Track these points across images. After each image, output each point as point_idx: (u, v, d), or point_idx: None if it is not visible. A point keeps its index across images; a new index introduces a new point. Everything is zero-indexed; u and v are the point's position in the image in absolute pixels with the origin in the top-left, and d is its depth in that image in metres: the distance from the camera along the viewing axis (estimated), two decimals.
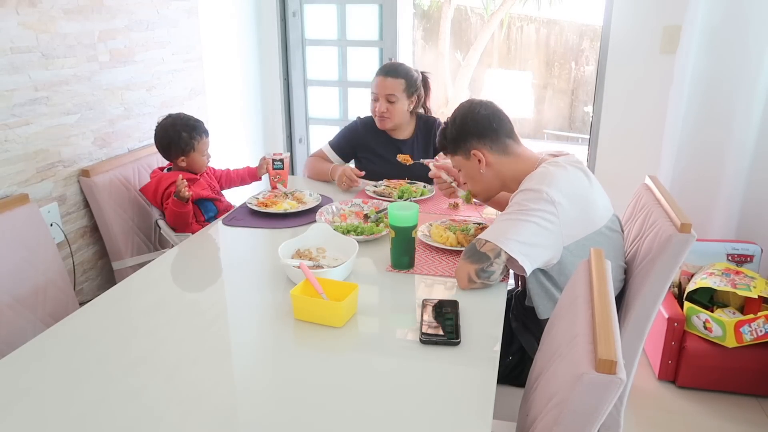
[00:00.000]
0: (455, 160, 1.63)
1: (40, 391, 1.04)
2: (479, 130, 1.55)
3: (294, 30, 3.36)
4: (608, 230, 1.47)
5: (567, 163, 1.47)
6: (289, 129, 3.56)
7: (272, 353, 1.20)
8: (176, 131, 2.04)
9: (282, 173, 2.12)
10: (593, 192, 1.46)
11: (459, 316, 1.26)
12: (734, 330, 2.16)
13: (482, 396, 1.03)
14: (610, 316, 0.92)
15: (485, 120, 1.55)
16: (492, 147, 1.55)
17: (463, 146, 1.57)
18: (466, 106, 1.59)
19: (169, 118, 2.09)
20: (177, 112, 2.13)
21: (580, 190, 1.43)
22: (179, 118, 2.09)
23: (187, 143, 2.05)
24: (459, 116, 1.58)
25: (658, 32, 2.63)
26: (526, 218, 1.37)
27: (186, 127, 2.06)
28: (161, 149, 2.10)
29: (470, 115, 1.56)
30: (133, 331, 1.26)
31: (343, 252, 1.55)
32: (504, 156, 1.56)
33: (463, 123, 1.56)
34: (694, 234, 1.35)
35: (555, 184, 1.39)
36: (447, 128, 1.61)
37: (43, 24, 1.89)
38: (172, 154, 2.08)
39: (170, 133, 2.05)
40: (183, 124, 2.06)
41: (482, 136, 1.55)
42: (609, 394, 0.82)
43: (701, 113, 2.57)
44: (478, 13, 9.79)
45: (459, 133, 1.57)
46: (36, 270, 1.75)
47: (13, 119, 1.81)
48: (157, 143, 2.10)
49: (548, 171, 1.43)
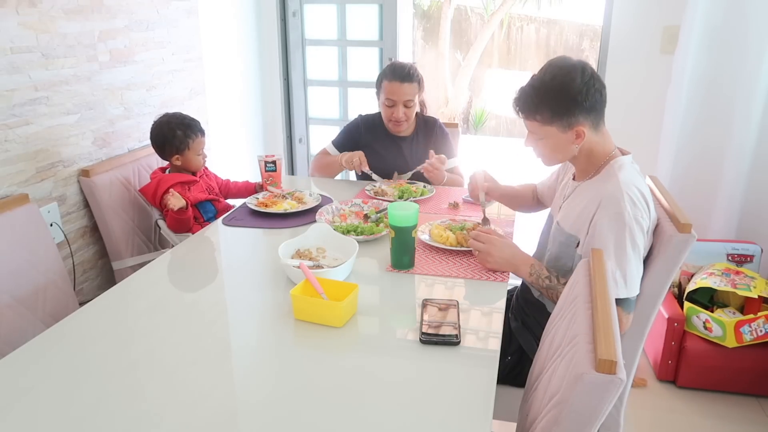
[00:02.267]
0: (543, 129, 1.39)
1: (40, 391, 1.04)
2: (590, 104, 1.34)
3: (294, 30, 3.36)
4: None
5: (640, 173, 1.42)
6: (289, 129, 3.56)
7: (272, 353, 1.20)
8: (171, 129, 2.04)
9: (274, 175, 2.12)
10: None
11: (459, 316, 1.26)
12: (734, 330, 2.16)
13: (482, 396, 1.03)
14: (610, 316, 0.92)
15: (597, 94, 1.34)
16: (593, 123, 1.37)
17: (565, 118, 1.35)
18: (575, 71, 1.34)
19: (165, 117, 2.09)
20: (173, 112, 2.13)
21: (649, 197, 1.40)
22: (174, 116, 2.08)
23: (181, 141, 2.04)
24: (566, 83, 1.34)
25: (658, 32, 2.63)
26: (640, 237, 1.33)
27: (181, 126, 2.05)
28: (156, 148, 2.10)
29: (581, 87, 1.32)
30: (133, 331, 1.26)
31: (343, 252, 1.55)
32: (596, 133, 1.40)
33: (574, 93, 1.33)
34: (695, 234, 1.35)
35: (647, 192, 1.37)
36: (540, 92, 1.36)
37: (43, 24, 1.89)
38: (167, 153, 2.08)
39: (165, 131, 2.05)
40: (178, 122, 2.06)
41: (590, 111, 1.35)
42: (609, 394, 0.82)
43: (701, 113, 2.57)
44: (478, 13, 9.80)
45: (564, 104, 1.34)
46: (36, 270, 1.75)
47: (13, 119, 1.81)
48: (153, 141, 2.09)
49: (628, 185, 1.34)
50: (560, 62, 1.39)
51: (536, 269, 1.45)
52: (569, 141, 1.39)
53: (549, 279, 1.43)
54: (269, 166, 2.11)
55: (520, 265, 1.46)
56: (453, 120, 9.31)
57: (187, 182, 2.07)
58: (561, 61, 1.39)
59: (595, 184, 1.42)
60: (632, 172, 1.40)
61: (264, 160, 2.10)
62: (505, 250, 1.47)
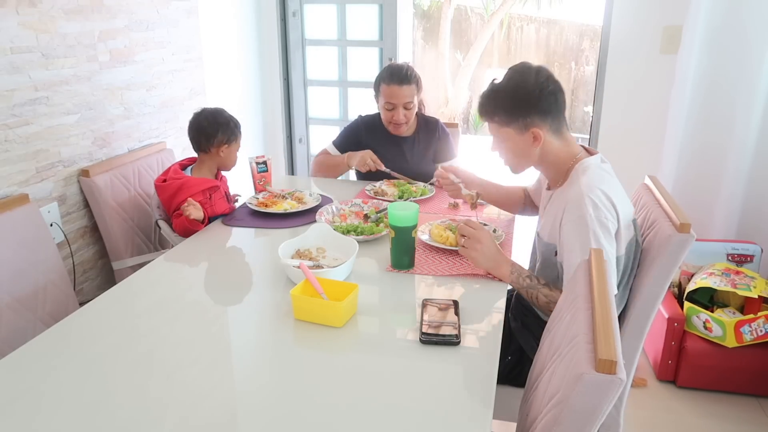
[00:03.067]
0: (502, 131, 1.43)
1: (40, 391, 1.04)
2: (545, 106, 1.37)
3: (294, 30, 3.36)
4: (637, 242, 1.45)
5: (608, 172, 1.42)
6: (289, 129, 3.56)
7: (272, 353, 1.20)
8: (225, 118, 2.00)
9: (266, 175, 2.12)
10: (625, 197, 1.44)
11: (459, 316, 1.26)
12: (734, 330, 2.16)
13: (482, 396, 1.03)
14: (610, 316, 0.92)
15: (552, 96, 1.38)
16: (551, 126, 1.40)
17: (521, 120, 1.38)
18: (529, 73, 1.39)
19: (212, 108, 2.03)
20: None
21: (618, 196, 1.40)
22: (224, 109, 2.04)
23: (233, 133, 2.00)
24: (519, 84, 1.39)
25: (658, 32, 2.63)
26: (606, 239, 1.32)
27: (233, 119, 2.02)
28: (204, 136, 1.97)
29: (534, 86, 1.37)
30: (133, 331, 1.26)
31: (343, 252, 1.55)
32: (557, 137, 1.42)
33: (526, 94, 1.37)
34: (694, 234, 1.35)
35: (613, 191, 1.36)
36: (499, 94, 1.42)
37: (43, 24, 1.89)
38: (216, 142, 1.97)
39: (219, 119, 1.98)
40: (230, 115, 2.03)
41: (546, 113, 1.38)
42: (609, 394, 0.82)
43: (702, 113, 2.57)
44: (478, 13, 9.79)
45: (519, 104, 1.38)
46: (36, 270, 1.75)
47: (13, 119, 1.81)
48: (200, 130, 1.98)
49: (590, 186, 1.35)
50: (518, 67, 1.44)
51: (517, 268, 1.45)
52: (528, 144, 1.41)
53: (529, 278, 1.42)
54: (261, 167, 2.11)
55: (502, 263, 1.46)
56: (453, 120, 9.31)
57: (209, 189, 1.97)
58: (519, 65, 1.44)
59: (564, 190, 1.43)
60: (597, 173, 1.39)
61: (255, 161, 2.10)
62: (491, 246, 1.47)
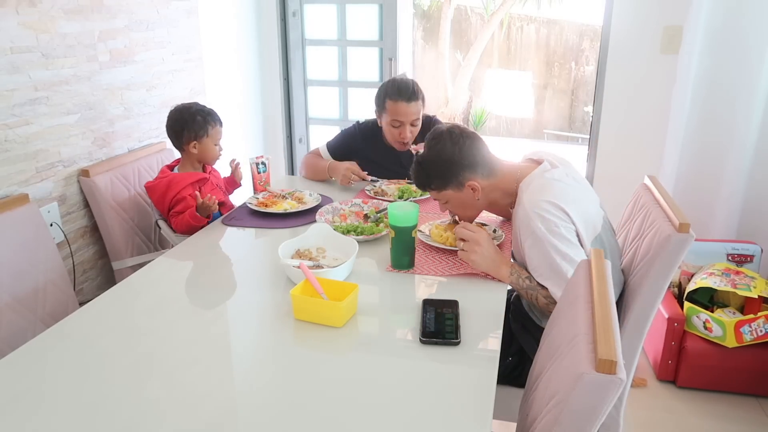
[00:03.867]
0: (443, 195, 1.55)
1: (40, 391, 1.04)
2: (469, 161, 1.49)
3: (294, 30, 3.36)
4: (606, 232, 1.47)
5: (554, 177, 1.45)
6: (289, 129, 3.56)
7: (272, 353, 1.20)
8: (191, 114, 2.00)
9: (266, 176, 2.13)
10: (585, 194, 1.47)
11: (459, 316, 1.26)
12: (734, 330, 2.16)
13: (482, 396, 1.03)
14: (610, 316, 0.92)
15: (472, 149, 1.49)
16: (482, 173, 1.51)
17: (454, 180, 1.50)
18: (444, 138, 1.50)
19: (182, 104, 2.05)
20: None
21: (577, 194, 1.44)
22: (194, 103, 2.05)
23: (201, 127, 2.00)
24: (440, 152, 1.50)
25: (658, 32, 2.63)
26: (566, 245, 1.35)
27: (201, 112, 2.02)
28: (173, 134, 2.03)
29: (454, 148, 1.48)
30: (133, 331, 1.26)
31: (343, 252, 1.55)
32: (493, 177, 1.52)
33: (449, 158, 1.49)
34: (693, 234, 1.35)
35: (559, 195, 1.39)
36: (425, 166, 1.53)
37: (43, 24, 1.89)
38: (185, 139, 2.01)
39: (185, 115, 2.00)
40: (198, 108, 2.03)
41: (473, 166, 1.49)
42: (609, 394, 0.82)
43: (703, 113, 2.58)
44: (478, 13, 9.79)
45: (445, 168, 1.50)
46: (36, 270, 1.75)
47: (13, 119, 1.82)
48: (170, 128, 2.03)
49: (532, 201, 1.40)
50: (432, 135, 1.54)
51: (516, 269, 1.46)
52: (469, 196, 1.52)
53: (529, 279, 1.44)
54: (261, 167, 2.11)
55: (501, 265, 1.47)
56: (453, 120, 9.30)
57: (198, 181, 2.01)
58: (432, 134, 1.54)
59: (515, 213, 1.48)
60: (539, 184, 1.43)
61: (255, 162, 2.10)
62: (490, 247, 1.48)
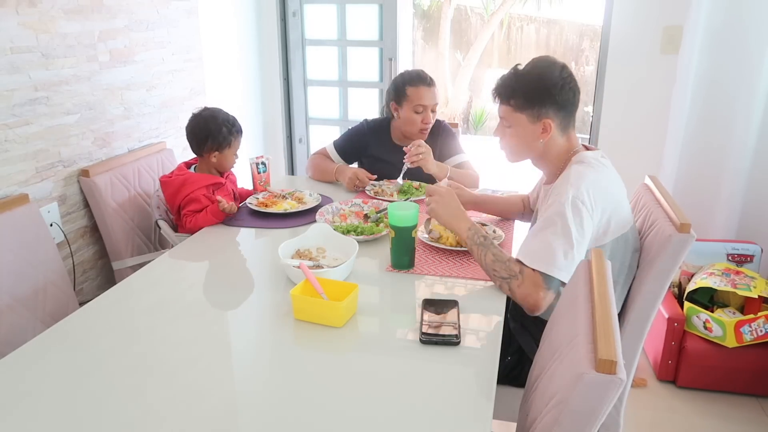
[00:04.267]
0: (514, 116, 1.45)
1: (40, 392, 1.04)
2: (562, 100, 1.40)
3: (294, 30, 3.36)
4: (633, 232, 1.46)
5: (605, 165, 1.43)
6: (289, 129, 3.56)
7: (272, 353, 1.20)
8: (218, 125, 1.97)
9: (265, 175, 2.12)
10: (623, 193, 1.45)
11: (459, 316, 1.26)
12: (734, 330, 2.16)
13: (482, 396, 1.03)
14: (610, 316, 0.92)
15: (571, 93, 1.41)
16: (561, 122, 1.43)
17: (536, 108, 1.41)
18: (555, 67, 1.42)
19: (208, 111, 2.01)
20: (213, 107, 2.05)
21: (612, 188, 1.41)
22: (220, 111, 2.01)
23: (225, 138, 1.98)
24: (544, 74, 1.41)
25: (658, 32, 2.63)
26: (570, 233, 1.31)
27: (227, 122, 1.99)
28: (195, 141, 2.00)
29: (558, 79, 1.40)
30: (133, 331, 1.26)
31: (343, 252, 1.55)
32: (563, 134, 1.45)
33: (548, 84, 1.40)
34: (694, 234, 1.35)
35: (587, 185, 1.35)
36: (522, 78, 1.44)
37: (43, 24, 1.89)
38: (206, 148, 1.98)
39: (211, 125, 1.97)
40: (224, 118, 1.99)
41: (561, 108, 1.41)
42: (609, 394, 0.82)
43: (703, 113, 2.58)
44: (478, 13, 9.80)
45: (539, 92, 1.40)
46: (36, 270, 1.75)
47: (13, 119, 1.82)
48: (193, 135, 1.99)
49: (580, 172, 1.37)
50: (544, 58, 1.48)
51: (476, 228, 1.45)
52: (535, 133, 1.44)
53: (484, 238, 1.42)
54: (261, 167, 2.11)
55: (461, 219, 1.48)
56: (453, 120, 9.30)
57: (214, 185, 1.99)
58: (545, 57, 1.48)
59: (559, 182, 1.44)
60: (591, 163, 1.40)
61: (256, 162, 2.10)
62: (453, 201, 1.50)
